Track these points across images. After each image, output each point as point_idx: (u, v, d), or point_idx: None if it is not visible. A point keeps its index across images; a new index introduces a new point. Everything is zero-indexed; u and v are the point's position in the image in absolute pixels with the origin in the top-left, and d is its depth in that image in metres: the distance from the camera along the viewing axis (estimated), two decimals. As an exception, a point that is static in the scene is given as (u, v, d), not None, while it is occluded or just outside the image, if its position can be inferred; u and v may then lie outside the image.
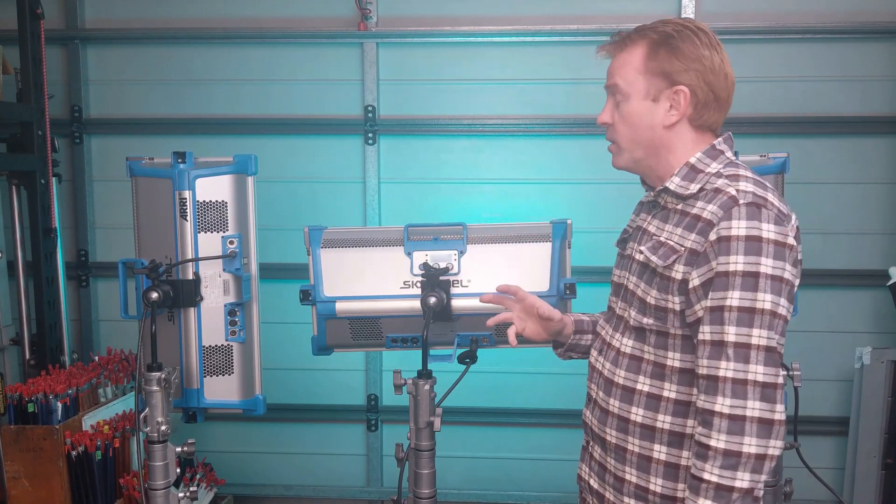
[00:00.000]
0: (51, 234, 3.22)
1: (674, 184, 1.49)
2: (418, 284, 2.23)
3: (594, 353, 1.66)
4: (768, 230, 1.36)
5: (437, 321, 2.21)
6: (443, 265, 2.22)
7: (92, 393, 2.88)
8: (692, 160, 1.50)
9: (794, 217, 1.44)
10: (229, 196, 2.36)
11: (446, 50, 3.40)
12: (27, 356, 3.20)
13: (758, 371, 1.34)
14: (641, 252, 1.52)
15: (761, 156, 2.54)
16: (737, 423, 1.33)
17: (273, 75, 3.45)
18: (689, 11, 3.27)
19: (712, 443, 1.35)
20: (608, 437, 1.56)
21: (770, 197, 1.40)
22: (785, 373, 2.24)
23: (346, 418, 3.57)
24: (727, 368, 1.35)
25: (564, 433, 3.40)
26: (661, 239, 1.49)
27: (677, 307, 1.44)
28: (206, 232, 2.34)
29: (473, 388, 3.26)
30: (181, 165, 2.33)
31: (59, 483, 2.64)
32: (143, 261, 2.33)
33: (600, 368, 1.61)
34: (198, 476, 2.91)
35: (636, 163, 1.55)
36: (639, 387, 1.51)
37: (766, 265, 1.34)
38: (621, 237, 1.69)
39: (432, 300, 2.12)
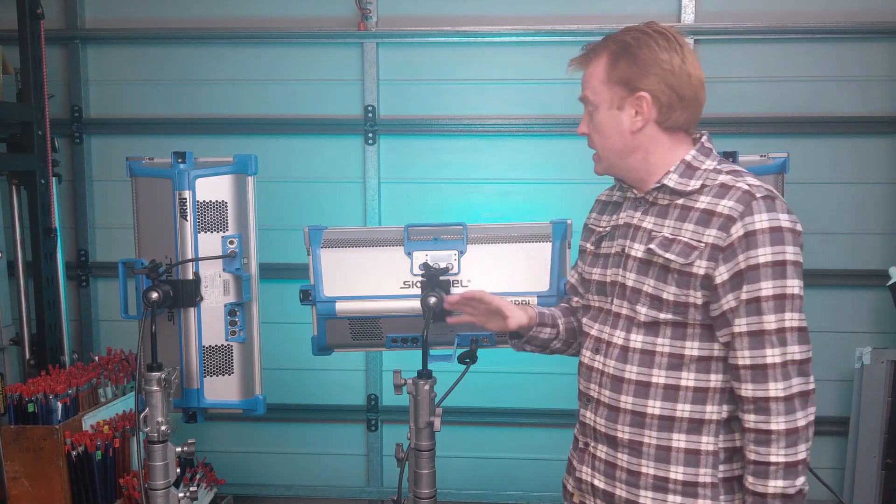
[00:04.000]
0: (51, 234, 3.22)
1: (672, 181, 1.54)
2: (418, 284, 2.23)
3: (587, 353, 1.66)
4: (785, 220, 1.44)
5: (437, 321, 2.21)
6: (443, 265, 2.22)
7: (92, 393, 2.88)
8: (688, 158, 1.55)
9: None
10: (229, 196, 2.36)
11: (446, 50, 3.40)
12: (27, 356, 3.20)
13: (795, 351, 1.44)
14: (650, 249, 1.53)
15: (761, 156, 2.54)
16: (790, 403, 1.43)
17: (273, 75, 3.45)
18: (689, 11, 3.27)
19: (773, 426, 1.43)
20: (620, 434, 1.58)
21: (773, 189, 1.49)
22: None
23: (346, 418, 3.57)
24: (773, 355, 1.43)
25: (564, 433, 3.35)
26: (667, 235, 1.52)
27: (699, 301, 1.49)
28: (206, 232, 2.34)
29: (473, 388, 3.26)
30: (181, 165, 2.33)
31: (59, 483, 2.64)
32: (143, 261, 2.33)
33: (601, 367, 1.62)
34: (198, 476, 2.91)
35: (613, 168, 1.62)
36: (654, 380, 1.53)
37: (789, 252, 1.44)
38: (597, 235, 1.72)
39: (432, 300, 2.12)
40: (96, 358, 3.15)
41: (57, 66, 3.47)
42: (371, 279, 2.28)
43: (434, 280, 2.18)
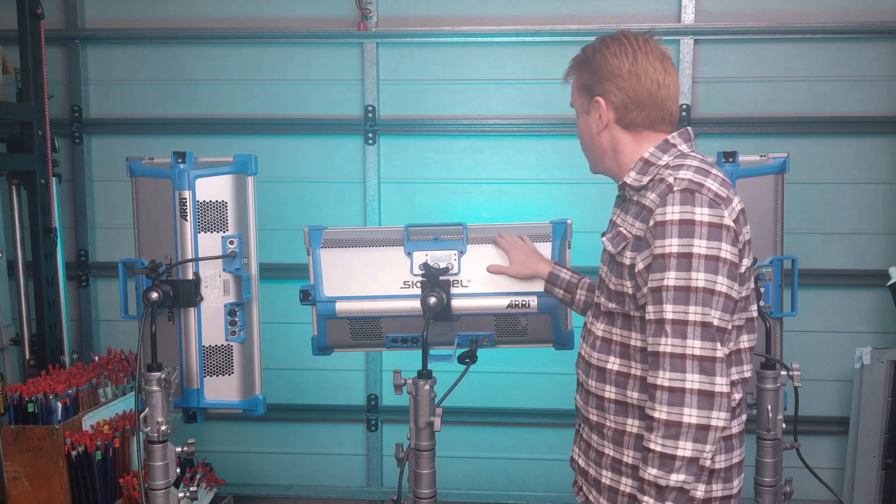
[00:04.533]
0: (51, 234, 3.22)
1: (630, 178, 1.62)
2: (418, 284, 2.23)
3: (581, 340, 1.77)
4: (701, 213, 1.45)
5: (437, 321, 2.21)
6: (443, 265, 2.22)
7: (92, 393, 2.88)
8: (646, 155, 1.62)
9: (735, 200, 1.52)
10: (229, 196, 2.36)
11: (446, 50, 3.40)
12: (27, 356, 3.20)
13: (695, 346, 1.43)
14: (603, 242, 1.66)
15: (761, 156, 2.54)
16: (676, 395, 1.43)
17: (273, 75, 3.45)
18: (689, 11, 3.27)
19: (656, 414, 1.45)
20: (591, 416, 1.68)
21: (708, 182, 1.49)
22: (785, 372, 2.27)
23: (346, 418, 3.57)
24: (666, 344, 1.44)
25: (564, 433, 3.39)
26: (620, 229, 1.61)
27: (630, 291, 1.56)
28: (206, 232, 2.34)
29: (473, 388, 3.27)
30: (181, 165, 2.33)
31: (59, 483, 2.64)
32: (143, 261, 2.33)
33: (583, 353, 1.73)
34: (198, 476, 2.91)
35: (597, 167, 1.75)
36: (609, 366, 1.62)
37: (700, 246, 1.44)
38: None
39: (432, 300, 2.12)
40: (96, 358, 3.15)
41: (57, 66, 3.48)
42: (371, 279, 2.28)
43: (434, 280, 2.19)
